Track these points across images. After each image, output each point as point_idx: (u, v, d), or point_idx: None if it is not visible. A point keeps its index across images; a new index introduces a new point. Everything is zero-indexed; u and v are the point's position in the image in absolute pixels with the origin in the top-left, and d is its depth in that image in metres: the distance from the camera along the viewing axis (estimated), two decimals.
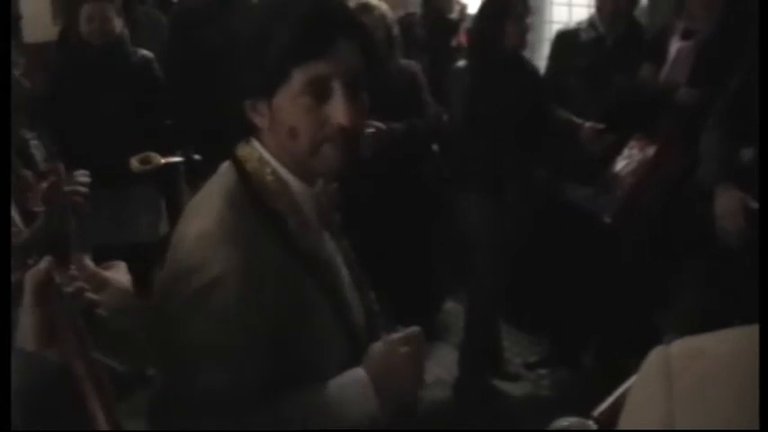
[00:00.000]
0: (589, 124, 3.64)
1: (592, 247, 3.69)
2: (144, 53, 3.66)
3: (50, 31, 4.99)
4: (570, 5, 5.80)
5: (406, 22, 4.69)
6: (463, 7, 5.53)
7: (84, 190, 2.34)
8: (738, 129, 2.88)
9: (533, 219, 3.83)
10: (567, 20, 5.42)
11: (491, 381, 3.95)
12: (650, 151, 3.41)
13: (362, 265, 1.64)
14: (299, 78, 1.32)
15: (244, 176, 1.40)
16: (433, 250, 4.28)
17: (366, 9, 3.45)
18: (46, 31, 5.03)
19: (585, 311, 3.87)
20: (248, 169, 1.41)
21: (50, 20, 5.06)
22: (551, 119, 3.76)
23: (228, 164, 1.44)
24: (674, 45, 3.51)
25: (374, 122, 3.31)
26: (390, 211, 3.50)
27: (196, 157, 3.29)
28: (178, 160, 3.31)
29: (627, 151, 3.49)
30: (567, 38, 3.95)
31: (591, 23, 3.84)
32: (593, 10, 3.96)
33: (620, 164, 3.48)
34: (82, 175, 2.37)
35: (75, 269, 1.23)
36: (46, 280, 1.09)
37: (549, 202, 3.86)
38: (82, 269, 1.26)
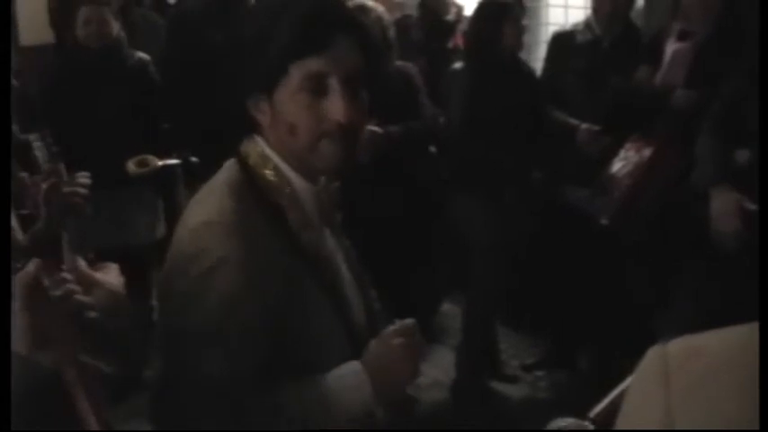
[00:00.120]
0: (585, 126, 3.65)
1: (589, 249, 3.69)
2: (141, 56, 3.66)
3: (46, 33, 4.99)
4: (567, 7, 5.82)
5: (402, 24, 4.69)
6: (460, 9, 5.54)
7: (84, 191, 2.34)
8: (734, 131, 2.89)
9: (530, 220, 3.83)
10: (563, 22, 5.44)
11: (488, 382, 3.95)
12: (646, 153, 3.41)
13: (362, 265, 1.65)
14: (296, 74, 1.34)
15: (246, 171, 1.43)
16: (430, 252, 4.28)
17: (363, 11, 3.45)
18: (42, 33, 5.03)
19: (583, 313, 3.87)
20: (251, 164, 1.43)
21: (46, 23, 5.05)
22: (548, 121, 3.77)
23: (233, 160, 1.46)
24: (671, 47, 3.51)
25: (370, 127, 3.31)
26: (387, 213, 3.50)
27: (193, 160, 3.28)
28: (175, 163, 3.31)
29: (623, 153, 3.49)
30: (563, 40, 3.96)
31: (587, 25, 3.84)
32: (589, 12, 3.98)
33: (617, 165, 3.49)
34: (82, 177, 2.37)
35: (66, 271, 1.23)
36: (34, 283, 1.09)
37: (546, 203, 3.86)
38: (73, 271, 1.26)
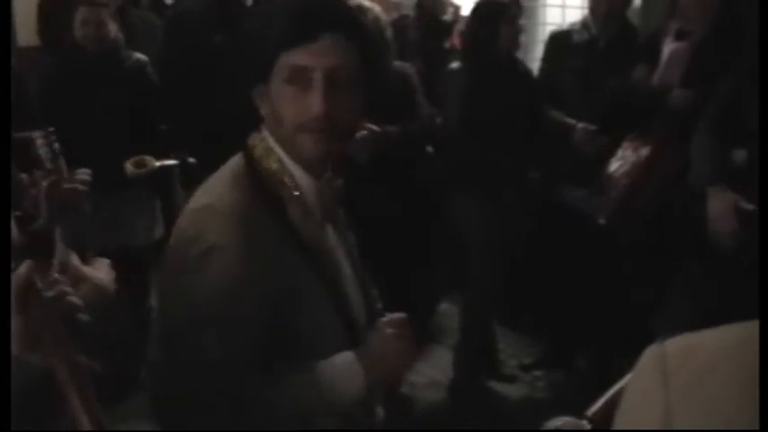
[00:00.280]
0: (582, 125, 3.65)
1: (586, 249, 3.69)
2: (139, 57, 3.65)
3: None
4: (563, 7, 5.82)
5: (399, 24, 4.69)
6: (457, 9, 5.55)
7: (84, 188, 2.33)
8: (731, 130, 2.89)
9: (528, 220, 3.83)
10: (560, 21, 5.44)
11: (486, 382, 3.95)
12: (644, 152, 3.41)
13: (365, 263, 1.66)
14: (284, 65, 1.39)
15: (251, 163, 1.46)
16: (428, 252, 4.28)
17: (359, 11, 3.45)
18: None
19: (580, 313, 3.88)
20: (256, 156, 1.46)
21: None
22: (544, 120, 3.77)
23: (241, 153, 1.50)
24: (668, 46, 3.51)
25: (369, 125, 3.31)
26: (385, 213, 3.50)
27: (191, 161, 3.28)
28: (173, 163, 3.31)
29: (620, 152, 3.49)
30: (560, 39, 3.96)
31: (584, 25, 3.85)
32: (586, 11, 3.98)
33: (614, 165, 3.49)
34: (83, 173, 2.37)
35: (57, 268, 1.24)
36: (27, 285, 1.09)
37: (543, 203, 3.86)
38: (64, 265, 1.27)
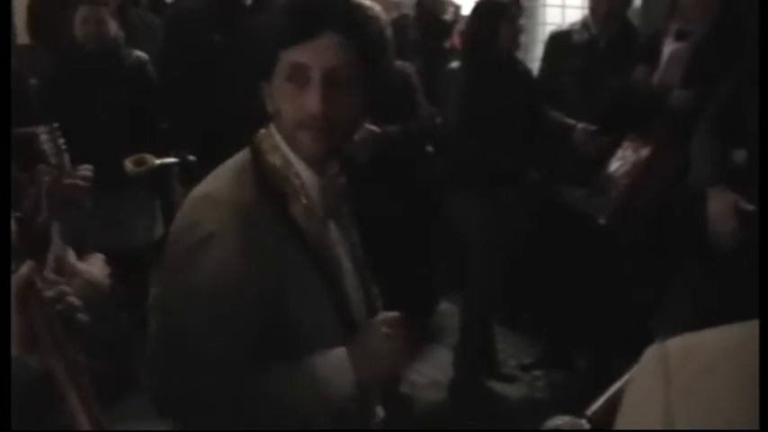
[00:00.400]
0: (582, 125, 3.65)
1: (586, 249, 3.69)
2: (139, 55, 3.65)
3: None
4: (563, 7, 5.83)
5: (399, 23, 4.69)
6: (457, 9, 5.55)
7: (84, 183, 2.33)
8: (731, 130, 2.89)
9: (527, 220, 3.83)
10: (560, 22, 5.44)
11: (486, 382, 3.95)
12: (644, 152, 3.41)
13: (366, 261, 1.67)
14: (284, 62, 1.41)
15: (257, 157, 1.48)
16: (428, 252, 4.28)
17: (359, 10, 3.44)
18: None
19: (580, 312, 3.88)
20: (262, 150, 1.48)
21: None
22: (544, 120, 3.77)
23: (248, 147, 1.52)
24: (668, 47, 3.51)
25: (369, 126, 3.31)
26: (385, 212, 3.50)
27: (191, 158, 3.27)
28: (173, 161, 3.30)
29: (621, 152, 3.50)
30: (560, 39, 3.96)
31: (584, 25, 3.85)
32: (586, 12, 3.98)
33: (615, 165, 3.49)
34: (85, 169, 2.36)
35: (53, 266, 1.23)
36: (27, 285, 1.09)
37: (543, 203, 3.86)
38: (60, 264, 1.27)
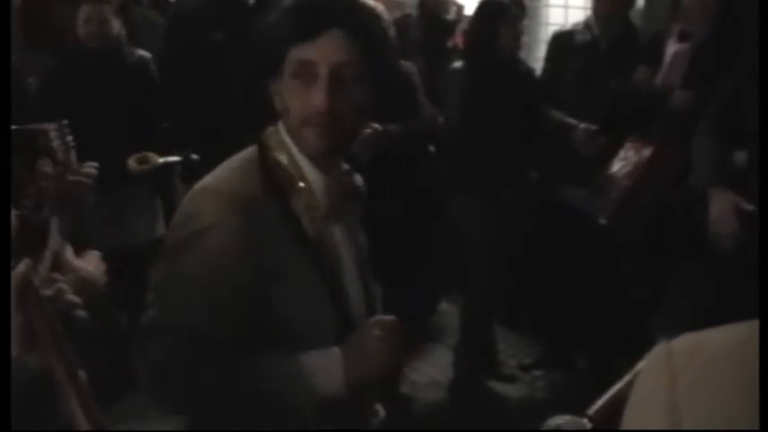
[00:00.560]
0: (583, 126, 3.65)
1: (587, 249, 3.69)
2: (141, 54, 3.65)
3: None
4: (566, 7, 5.83)
5: (402, 23, 4.69)
6: (460, 9, 5.55)
7: (87, 181, 2.33)
8: (731, 131, 2.89)
9: (528, 220, 3.84)
10: (563, 22, 5.44)
11: (486, 382, 3.96)
12: (646, 153, 3.41)
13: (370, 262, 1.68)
14: (291, 59, 1.42)
15: (264, 153, 1.50)
16: (429, 252, 4.28)
17: (362, 9, 3.45)
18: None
19: (580, 313, 3.88)
20: (268, 146, 1.50)
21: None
22: (545, 120, 3.77)
23: (256, 144, 1.54)
24: (671, 48, 3.51)
25: (371, 124, 3.31)
26: (386, 212, 3.50)
27: (194, 157, 3.28)
28: (176, 160, 3.30)
29: (623, 153, 3.50)
30: (562, 40, 3.96)
31: (586, 25, 3.85)
32: (589, 12, 3.98)
33: (616, 166, 3.49)
34: (89, 167, 2.37)
35: (50, 262, 1.24)
36: (24, 284, 1.09)
37: (543, 203, 3.86)
38: (57, 260, 1.27)
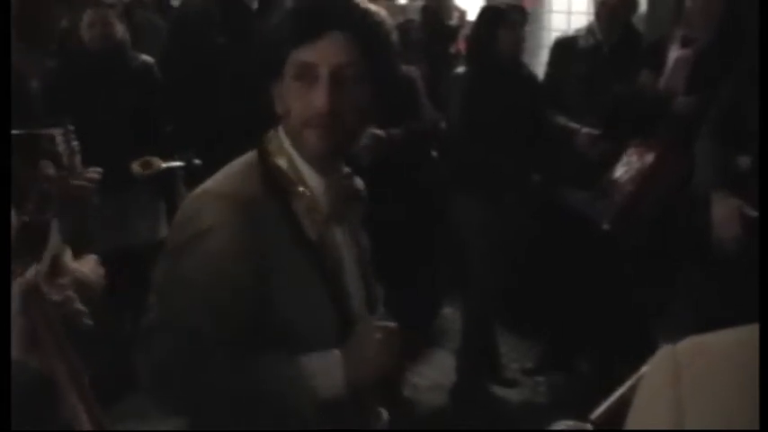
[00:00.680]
0: (585, 130, 3.66)
1: (589, 253, 3.69)
2: (145, 58, 3.66)
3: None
4: (569, 13, 5.83)
5: (404, 28, 4.70)
6: (462, 14, 5.56)
7: (91, 185, 2.34)
8: (733, 133, 2.89)
9: (530, 224, 3.84)
10: (565, 27, 5.45)
11: (488, 386, 3.95)
12: (649, 159, 3.42)
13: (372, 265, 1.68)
14: (292, 61, 1.43)
15: (264, 157, 1.50)
16: (431, 255, 4.28)
17: (365, 13, 3.45)
18: None
19: (583, 317, 3.88)
20: (268, 151, 1.50)
21: None
22: (547, 124, 3.77)
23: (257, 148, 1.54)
24: (673, 53, 3.51)
25: (373, 129, 3.32)
26: (389, 216, 3.51)
27: (196, 162, 3.29)
28: (178, 164, 3.31)
29: (626, 158, 3.50)
30: (565, 45, 3.97)
31: (589, 31, 3.86)
32: (591, 17, 3.98)
33: (619, 171, 3.49)
34: (93, 171, 2.38)
35: (49, 266, 1.24)
36: (32, 289, 1.10)
37: (545, 207, 3.87)
38: (56, 262, 1.28)
